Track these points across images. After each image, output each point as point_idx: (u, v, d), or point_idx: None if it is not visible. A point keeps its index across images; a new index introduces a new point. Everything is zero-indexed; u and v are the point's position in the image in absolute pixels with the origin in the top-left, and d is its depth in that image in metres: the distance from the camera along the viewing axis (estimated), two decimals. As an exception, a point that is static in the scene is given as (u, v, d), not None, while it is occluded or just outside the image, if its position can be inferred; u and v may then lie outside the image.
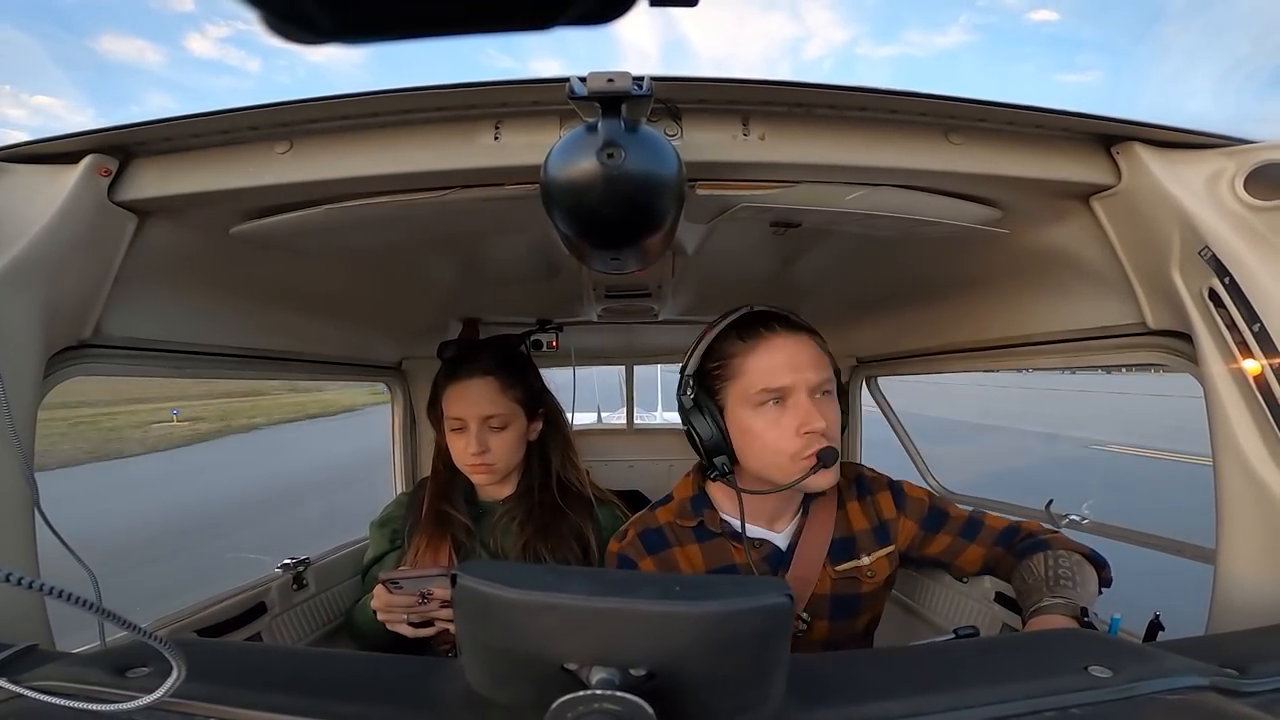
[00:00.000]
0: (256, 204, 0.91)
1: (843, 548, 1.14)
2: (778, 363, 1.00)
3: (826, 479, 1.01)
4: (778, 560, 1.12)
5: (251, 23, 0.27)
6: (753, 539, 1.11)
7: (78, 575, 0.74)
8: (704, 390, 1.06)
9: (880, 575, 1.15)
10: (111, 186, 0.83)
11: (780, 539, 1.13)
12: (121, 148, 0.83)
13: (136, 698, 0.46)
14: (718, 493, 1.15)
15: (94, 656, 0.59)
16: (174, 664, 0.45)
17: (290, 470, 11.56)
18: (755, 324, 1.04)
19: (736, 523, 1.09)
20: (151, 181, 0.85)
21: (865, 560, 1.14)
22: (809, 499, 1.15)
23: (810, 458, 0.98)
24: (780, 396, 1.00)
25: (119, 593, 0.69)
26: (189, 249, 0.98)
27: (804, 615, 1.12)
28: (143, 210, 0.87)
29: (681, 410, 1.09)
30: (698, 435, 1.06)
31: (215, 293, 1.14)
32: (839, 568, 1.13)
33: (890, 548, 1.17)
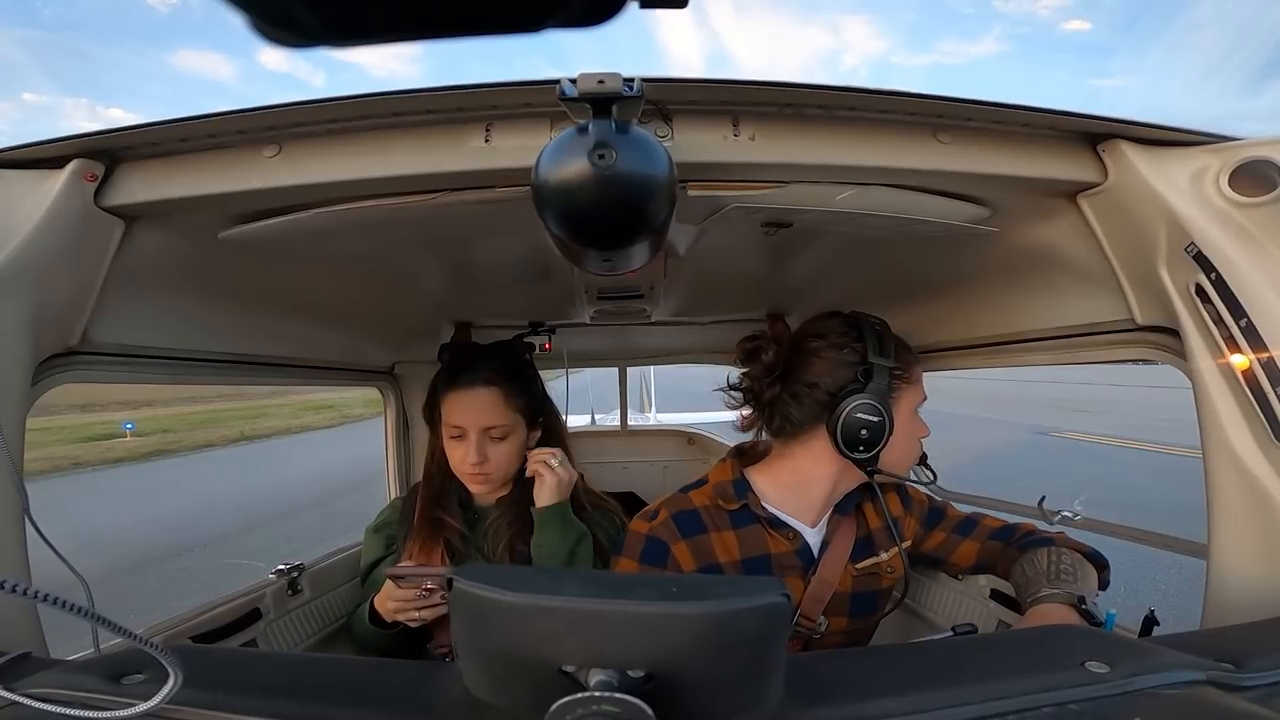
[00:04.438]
0: (245, 208, 0.90)
1: (862, 546, 1.18)
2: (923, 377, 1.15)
3: None
4: (808, 556, 1.15)
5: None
6: (789, 528, 1.13)
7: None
8: (887, 389, 1.07)
9: (898, 571, 1.19)
10: (98, 191, 0.82)
11: (813, 535, 1.16)
12: (108, 152, 0.82)
13: (133, 704, 0.45)
14: (760, 480, 1.16)
15: (89, 663, 0.58)
16: (171, 670, 0.44)
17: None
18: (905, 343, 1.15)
19: (777, 511, 1.14)
20: (138, 186, 0.84)
21: (884, 556, 1.18)
22: (845, 500, 1.18)
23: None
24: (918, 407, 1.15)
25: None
26: (177, 254, 0.97)
27: (821, 618, 1.14)
28: (130, 215, 0.86)
29: (872, 401, 1.04)
30: (889, 424, 1.04)
31: (204, 298, 1.13)
32: (860, 565, 1.16)
33: (905, 544, 1.21)
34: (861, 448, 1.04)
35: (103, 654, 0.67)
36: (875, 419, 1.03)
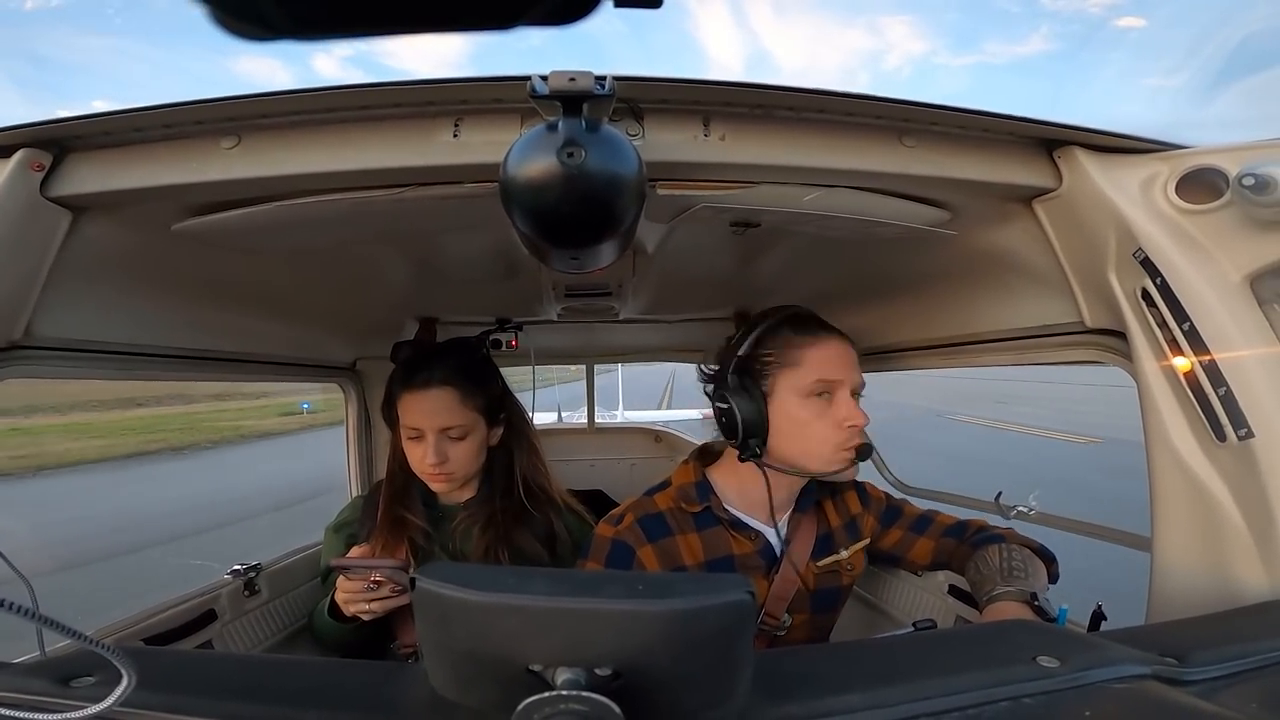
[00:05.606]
0: (201, 200, 0.88)
1: (823, 544, 1.19)
2: (832, 359, 1.07)
3: (854, 471, 1.14)
4: (770, 555, 1.16)
5: (372, 43, 0.26)
6: (751, 529, 1.14)
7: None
8: (748, 376, 1.09)
9: (857, 569, 1.21)
10: (45, 181, 0.79)
11: (774, 534, 1.17)
12: (56, 142, 0.79)
13: (84, 707, 0.44)
14: (721, 480, 1.17)
15: (35, 666, 0.56)
16: (123, 671, 0.43)
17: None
18: (811, 322, 1.12)
19: (737, 512, 1.14)
20: (88, 177, 0.81)
21: (844, 554, 1.19)
22: (803, 497, 1.19)
23: (850, 450, 1.07)
24: (829, 390, 1.07)
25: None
26: (128, 246, 0.94)
27: (785, 615, 1.15)
28: (78, 206, 0.83)
29: (724, 390, 1.10)
30: (740, 415, 1.07)
31: (157, 292, 1.10)
32: (820, 563, 1.18)
33: (864, 541, 1.23)
34: (730, 436, 1.09)
35: (50, 657, 0.64)
36: (724, 406, 1.09)
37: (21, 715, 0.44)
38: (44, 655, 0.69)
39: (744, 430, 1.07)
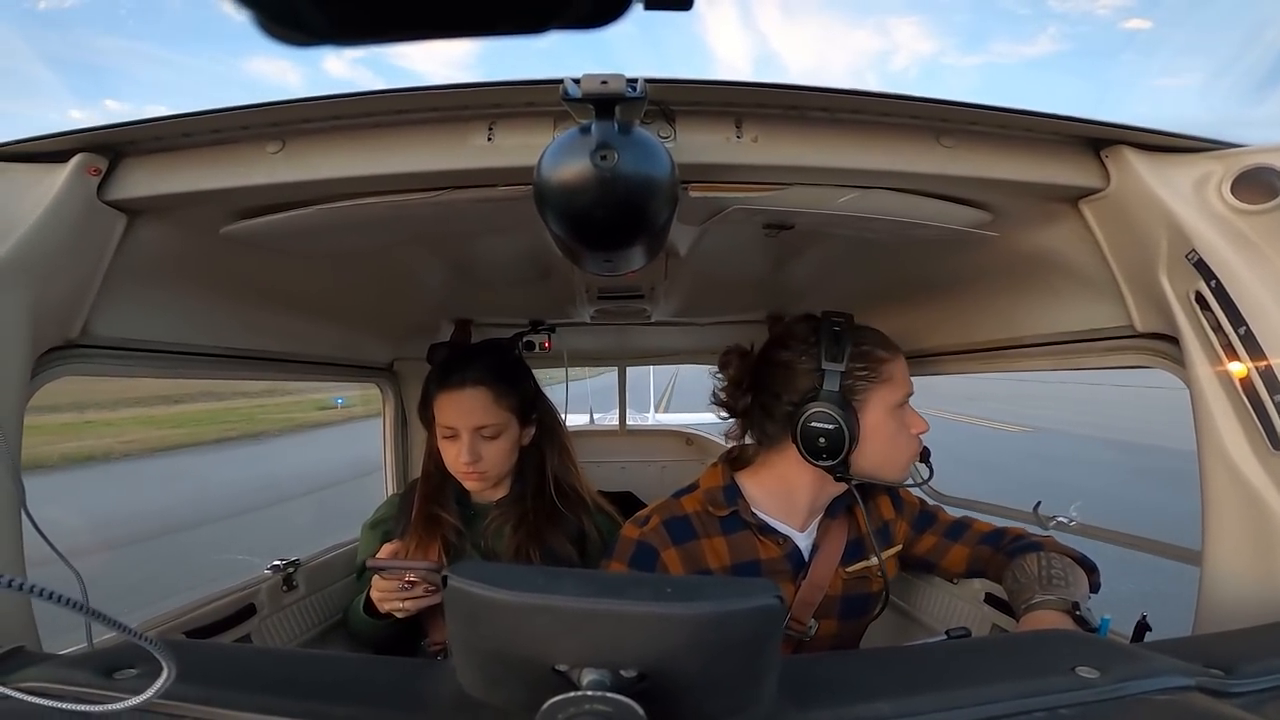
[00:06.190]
0: (247, 204, 0.90)
1: (853, 549, 1.18)
2: (907, 372, 1.11)
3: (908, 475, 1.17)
4: (798, 560, 1.15)
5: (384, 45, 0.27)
6: (779, 533, 1.13)
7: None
8: (844, 393, 1.06)
9: (888, 575, 1.18)
10: (101, 185, 0.82)
11: (803, 539, 1.16)
12: (111, 146, 0.82)
13: (124, 698, 0.45)
14: (750, 484, 1.16)
15: (81, 658, 0.58)
16: (164, 664, 0.44)
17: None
18: (883, 336, 1.12)
19: (766, 516, 1.13)
20: (141, 181, 0.84)
21: (874, 560, 1.17)
22: (834, 503, 1.17)
23: (917, 456, 1.13)
24: (904, 404, 1.10)
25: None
26: (179, 249, 0.97)
27: (811, 621, 1.14)
28: (132, 210, 0.86)
29: (821, 405, 1.04)
30: (847, 430, 1.03)
31: (205, 293, 1.13)
32: (850, 569, 1.16)
33: (897, 548, 1.22)
34: (825, 455, 1.04)
35: (96, 649, 0.67)
36: (831, 427, 1.03)
37: (65, 706, 0.46)
38: (91, 647, 0.71)
39: (837, 447, 1.04)
